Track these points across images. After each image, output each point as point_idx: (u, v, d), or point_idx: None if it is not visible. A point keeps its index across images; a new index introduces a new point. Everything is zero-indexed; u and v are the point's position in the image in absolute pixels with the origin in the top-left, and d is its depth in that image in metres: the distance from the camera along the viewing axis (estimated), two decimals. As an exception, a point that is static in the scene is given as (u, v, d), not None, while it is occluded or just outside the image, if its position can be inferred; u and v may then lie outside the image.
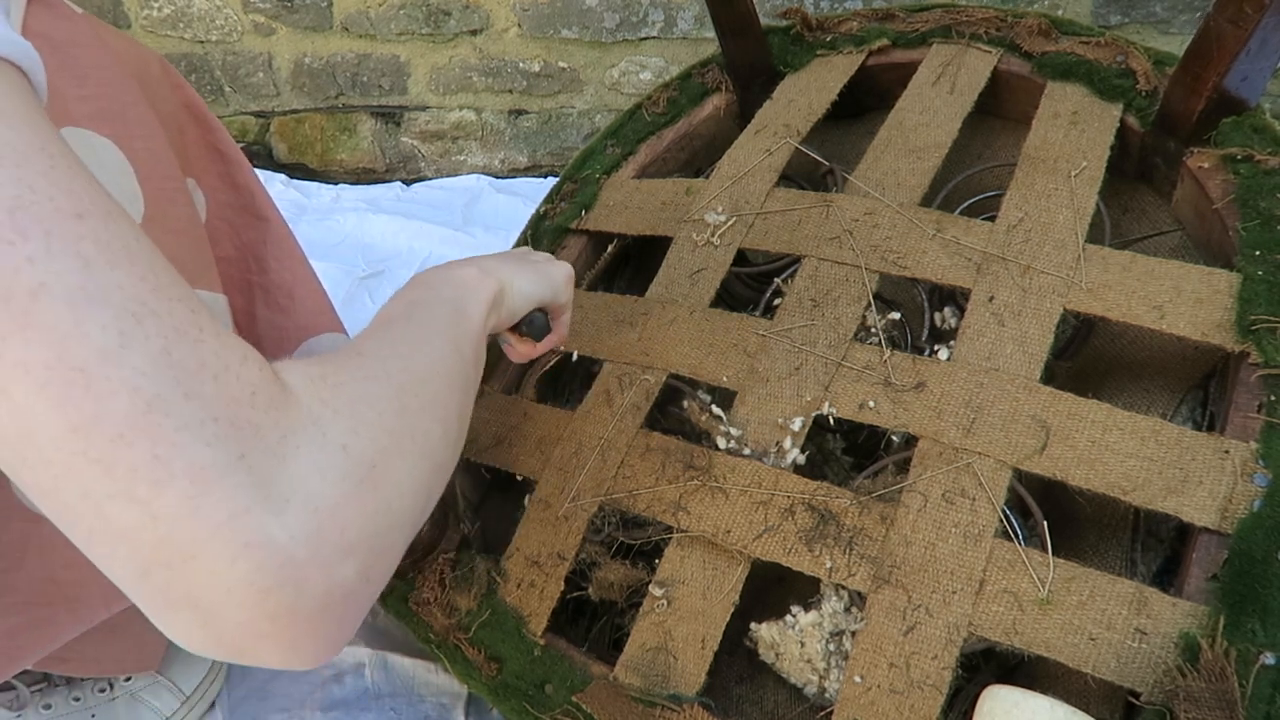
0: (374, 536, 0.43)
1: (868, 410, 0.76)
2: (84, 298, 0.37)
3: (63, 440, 0.36)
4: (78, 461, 0.36)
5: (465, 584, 0.83)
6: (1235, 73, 0.75)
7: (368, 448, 0.44)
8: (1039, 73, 0.92)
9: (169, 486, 0.37)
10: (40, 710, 0.83)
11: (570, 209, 1.06)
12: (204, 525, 0.37)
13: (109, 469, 0.36)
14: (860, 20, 1.05)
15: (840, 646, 0.73)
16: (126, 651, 0.74)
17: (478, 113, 1.73)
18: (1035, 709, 0.59)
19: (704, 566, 0.75)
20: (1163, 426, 0.69)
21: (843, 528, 0.72)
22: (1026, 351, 0.74)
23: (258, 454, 0.39)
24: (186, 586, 0.38)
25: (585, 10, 1.57)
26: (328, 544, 0.40)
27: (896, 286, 0.94)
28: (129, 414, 0.36)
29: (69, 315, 0.36)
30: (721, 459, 0.78)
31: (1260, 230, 0.74)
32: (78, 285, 0.37)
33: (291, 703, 0.90)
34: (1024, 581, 0.66)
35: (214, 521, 0.37)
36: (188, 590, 0.38)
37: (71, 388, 0.36)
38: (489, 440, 0.90)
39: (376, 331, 0.55)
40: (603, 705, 0.73)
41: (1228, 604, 0.61)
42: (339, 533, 0.41)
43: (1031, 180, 0.83)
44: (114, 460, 0.36)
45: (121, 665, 0.74)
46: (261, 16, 1.68)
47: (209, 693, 0.90)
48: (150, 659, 0.76)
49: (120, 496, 0.37)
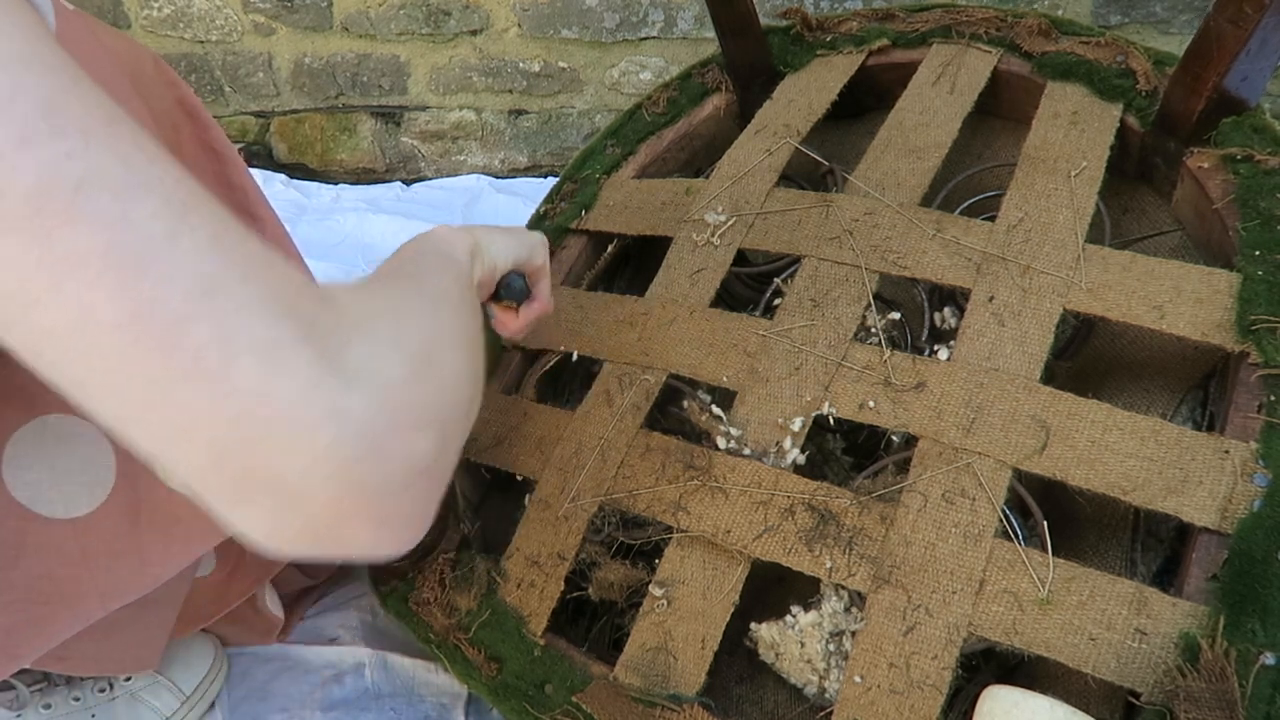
0: (441, 413, 0.43)
1: (868, 410, 0.76)
2: (127, 189, 0.36)
3: (123, 328, 0.35)
4: (140, 348, 0.35)
5: (465, 584, 0.83)
6: (1235, 73, 0.75)
7: (416, 341, 0.44)
8: (1039, 73, 0.92)
9: (237, 363, 0.36)
10: (40, 710, 0.83)
11: (570, 209, 1.06)
12: (279, 399, 0.36)
13: (173, 352, 0.35)
14: (860, 20, 1.05)
15: (840, 646, 0.73)
16: (126, 651, 0.74)
17: (478, 113, 1.73)
18: (1035, 709, 0.59)
19: (704, 566, 0.75)
20: (1162, 426, 0.69)
21: (843, 528, 0.72)
22: (1026, 351, 0.74)
23: (319, 335, 0.39)
24: (265, 467, 0.37)
25: (585, 10, 1.57)
26: (402, 417, 0.40)
27: (896, 286, 0.94)
28: (188, 296, 0.36)
29: (115, 206, 0.36)
30: (721, 459, 0.78)
31: (1260, 230, 0.74)
32: (119, 178, 0.36)
33: (291, 703, 0.90)
34: (1024, 581, 0.66)
35: (288, 395, 0.36)
36: (267, 471, 0.37)
37: (126, 274, 0.35)
38: (489, 440, 0.90)
39: (378, 277, 0.55)
40: (603, 705, 0.73)
41: (1228, 604, 0.61)
42: (409, 408, 0.41)
43: (1031, 180, 0.83)
44: (178, 343, 0.35)
45: (121, 665, 0.74)
46: (261, 16, 1.68)
47: (209, 693, 0.90)
48: (150, 658, 0.76)
49: (188, 379, 0.36)
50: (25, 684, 0.82)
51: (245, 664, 0.94)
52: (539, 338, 0.95)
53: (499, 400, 0.93)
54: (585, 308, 0.94)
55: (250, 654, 0.95)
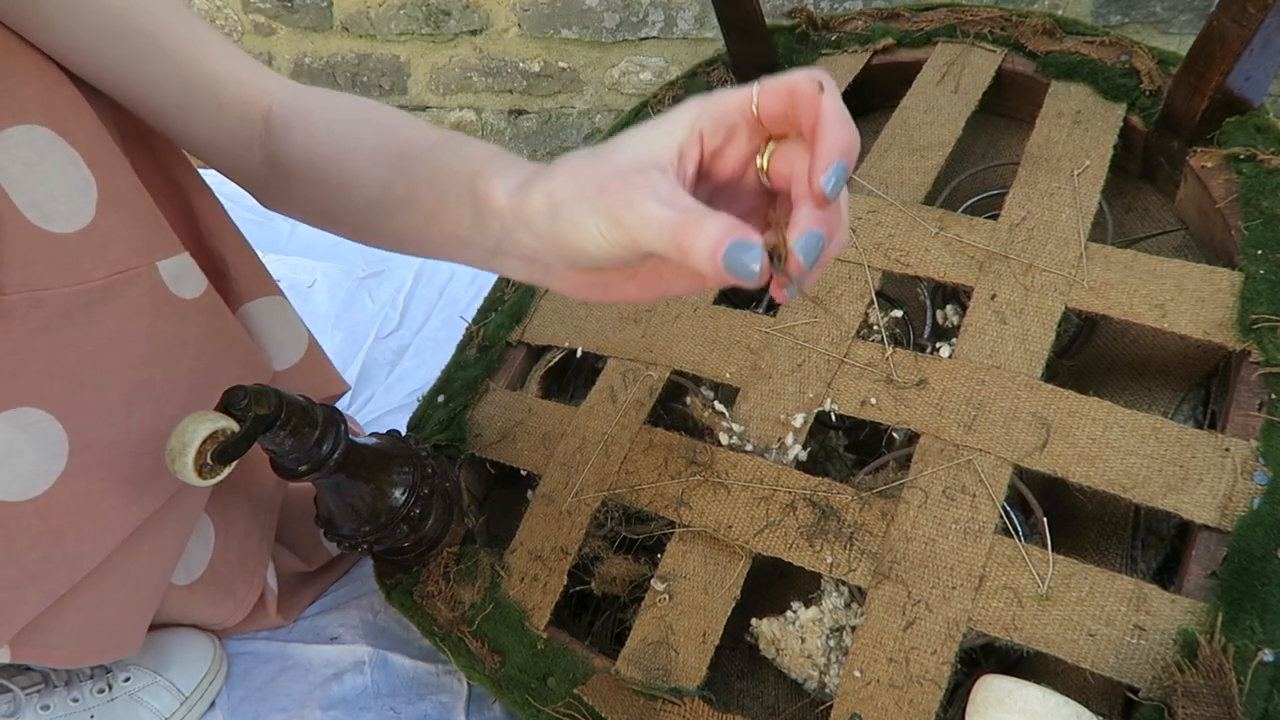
0: None
1: (869, 407, 0.77)
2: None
3: None
4: None
5: (469, 577, 0.83)
6: (1239, 72, 0.76)
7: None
8: (1043, 72, 0.92)
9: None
10: (39, 710, 0.83)
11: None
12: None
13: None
14: (865, 19, 1.06)
15: (840, 642, 0.73)
16: (106, 636, 0.74)
17: (478, 113, 1.73)
18: (1028, 698, 0.60)
19: (706, 561, 0.76)
20: (1163, 424, 0.69)
21: (844, 523, 0.72)
22: (1028, 349, 0.75)
23: None
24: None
25: (585, 10, 1.57)
26: None
27: (899, 284, 0.94)
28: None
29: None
30: (724, 455, 0.78)
31: (1262, 229, 0.75)
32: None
33: (291, 702, 0.90)
34: (1024, 577, 0.66)
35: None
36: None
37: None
38: (494, 435, 0.91)
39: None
40: (604, 698, 0.73)
41: (1227, 601, 0.62)
42: None
43: (1035, 179, 0.84)
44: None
45: (102, 651, 0.74)
46: (261, 16, 1.68)
47: (209, 693, 0.90)
48: (131, 643, 0.76)
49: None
50: (21, 687, 0.82)
51: (245, 664, 0.94)
52: (543, 334, 0.95)
53: (504, 396, 0.93)
54: (589, 304, 0.95)
55: (250, 654, 0.95)
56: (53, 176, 0.60)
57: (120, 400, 0.66)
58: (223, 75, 0.65)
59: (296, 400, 0.68)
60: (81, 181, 0.61)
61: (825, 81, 0.44)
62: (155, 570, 0.75)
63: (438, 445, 0.92)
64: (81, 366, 0.63)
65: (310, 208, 0.67)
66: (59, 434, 0.63)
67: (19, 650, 0.66)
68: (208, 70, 0.64)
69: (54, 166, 0.60)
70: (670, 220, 0.43)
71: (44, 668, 0.84)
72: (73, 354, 0.63)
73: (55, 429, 0.63)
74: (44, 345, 0.61)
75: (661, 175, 0.45)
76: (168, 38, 0.62)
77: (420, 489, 0.80)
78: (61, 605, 0.67)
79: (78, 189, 0.61)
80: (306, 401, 0.69)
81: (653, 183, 0.44)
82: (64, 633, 0.69)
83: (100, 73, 0.62)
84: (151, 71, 0.63)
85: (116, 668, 0.86)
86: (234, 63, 0.66)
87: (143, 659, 0.87)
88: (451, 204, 0.56)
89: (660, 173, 0.45)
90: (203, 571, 0.83)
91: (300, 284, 1.48)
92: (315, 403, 0.70)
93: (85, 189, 0.62)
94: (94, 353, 0.64)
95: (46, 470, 0.63)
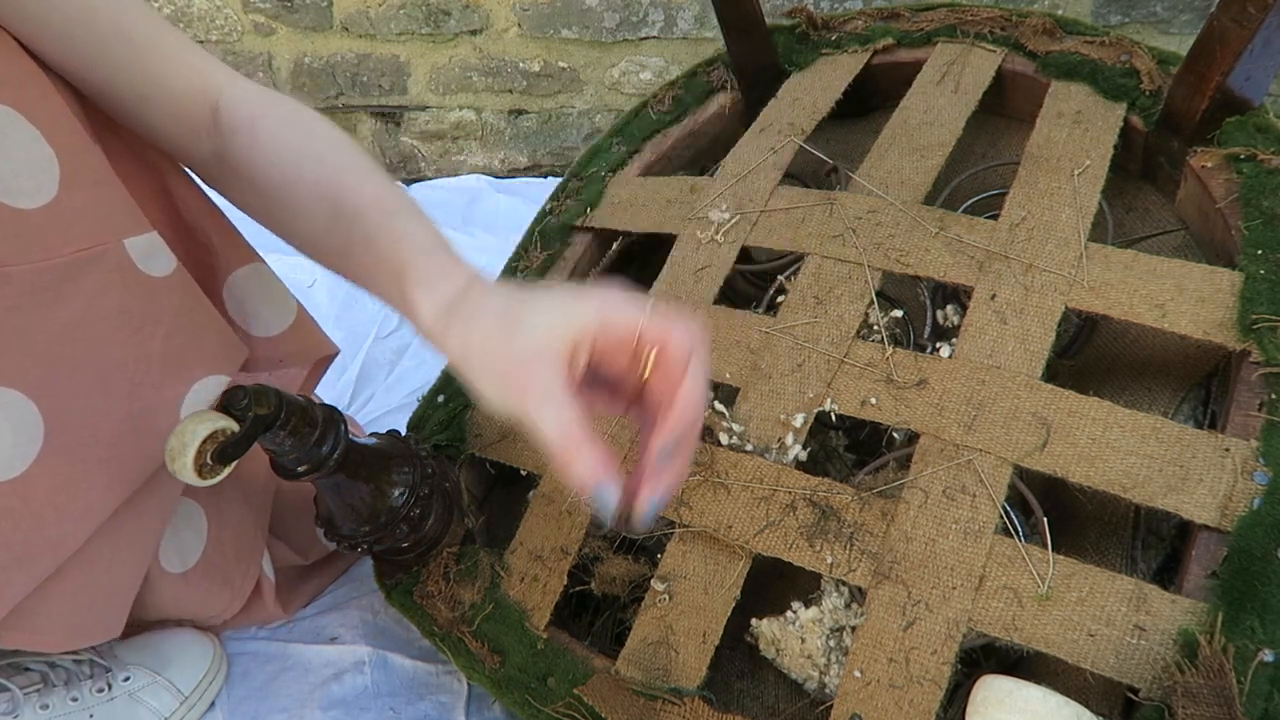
0: None
1: (870, 407, 0.77)
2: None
3: None
4: None
5: (469, 578, 0.83)
6: (1239, 72, 0.76)
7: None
8: (1043, 72, 0.92)
9: None
10: (37, 710, 0.83)
11: (575, 206, 1.06)
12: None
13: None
14: (865, 19, 1.05)
15: (840, 642, 0.73)
16: (92, 619, 0.74)
17: (478, 113, 1.73)
18: (1028, 698, 0.60)
19: (705, 561, 0.76)
20: (1163, 424, 0.69)
21: (844, 523, 0.72)
22: (1028, 349, 0.75)
23: None
24: None
25: (585, 10, 1.57)
26: None
27: (899, 284, 0.94)
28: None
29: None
30: (724, 455, 0.78)
31: (1263, 229, 0.75)
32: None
33: (291, 702, 0.90)
34: (1024, 577, 0.66)
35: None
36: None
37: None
38: (494, 435, 0.91)
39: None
40: (604, 698, 0.73)
41: (1227, 601, 0.62)
42: None
43: (1035, 179, 0.84)
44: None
45: (89, 634, 0.74)
46: (261, 16, 1.68)
47: (208, 693, 0.90)
48: (115, 625, 0.76)
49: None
50: (20, 686, 0.82)
51: (245, 664, 0.94)
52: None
53: (502, 396, 0.93)
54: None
55: (250, 654, 0.95)
56: (13, 153, 0.60)
57: (94, 379, 0.66)
58: (178, 62, 0.69)
59: (296, 400, 0.68)
60: (44, 159, 0.62)
61: (695, 353, 0.54)
62: (137, 552, 0.75)
63: (438, 445, 0.92)
64: (53, 346, 0.63)
65: (258, 215, 0.72)
66: (34, 414, 0.63)
67: (8, 635, 0.67)
68: (164, 56, 0.68)
69: (14, 144, 0.60)
70: (557, 439, 0.52)
71: (43, 667, 0.84)
72: (44, 333, 0.62)
73: (30, 409, 0.62)
74: (15, 324, 0.61)
75: (554, 372, 0.53)
76: (131, 25, 0.66)
77: (420, 489, 0.80)
78: (47, 589, 0.67)
79: (39, 166, 0.61)
80: (306, 401, 0.69)
81: (545, 381, 0.53)
82: (51, 617, 0.69)
83: (65, 57, 0.65)
84: (115, 58, 0.66)
85: (116, 667, 0.86)
86: (189, 52, 0.70)
87: (142, 659, 0.87)
88: (383, 282, 0.63)
89: (553, 369, 0.53)
90: (197, 559, 0.83)
91: (300, 284, 1.48)
92: (315, 403, 0.70)
93: (47, 166, 0.62)
94: (65, 331, 0.63)
95: (24, 451, 0.62)
